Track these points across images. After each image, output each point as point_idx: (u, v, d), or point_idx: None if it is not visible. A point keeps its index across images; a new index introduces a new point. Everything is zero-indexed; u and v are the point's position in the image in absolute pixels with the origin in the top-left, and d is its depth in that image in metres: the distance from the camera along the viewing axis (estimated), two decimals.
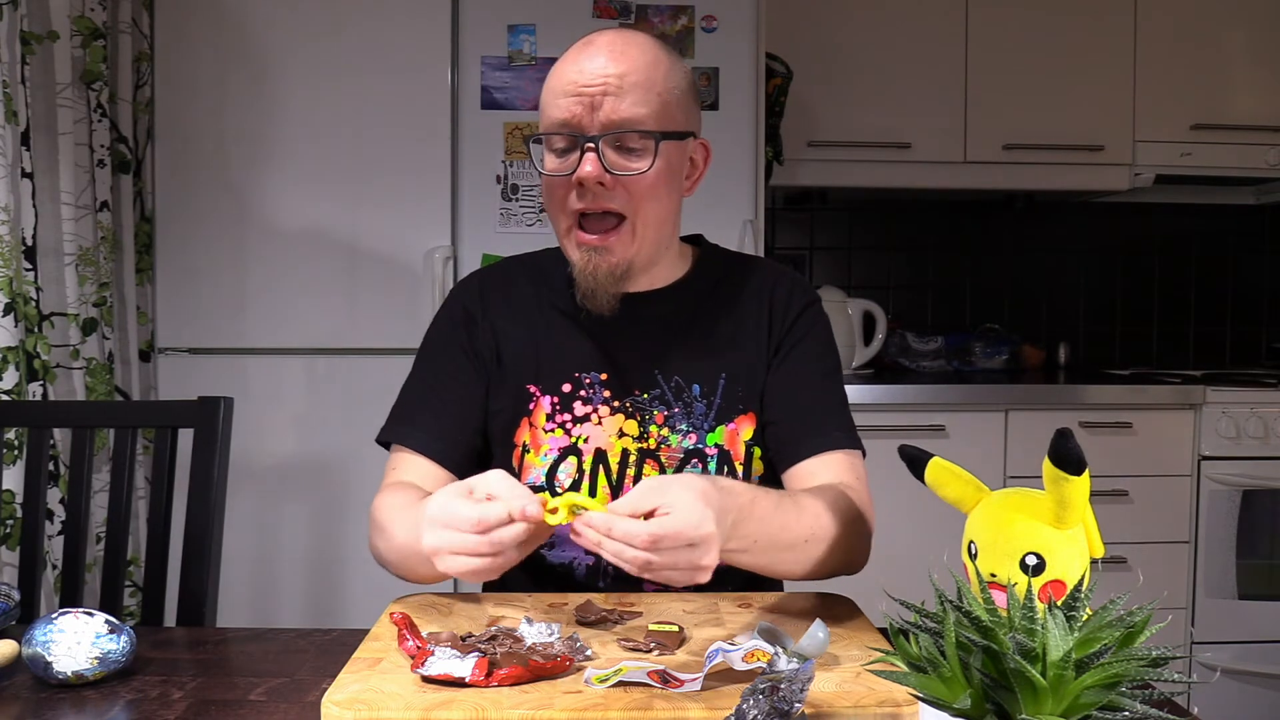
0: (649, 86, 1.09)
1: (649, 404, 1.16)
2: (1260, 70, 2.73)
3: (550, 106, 1.11)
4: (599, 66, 1.08)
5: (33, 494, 1.37)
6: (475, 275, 1.30)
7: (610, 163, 1.09)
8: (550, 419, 1.17)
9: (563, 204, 1.12)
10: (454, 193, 2.23)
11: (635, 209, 1.10)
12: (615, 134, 1.08)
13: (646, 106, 1.09)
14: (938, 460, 0.81)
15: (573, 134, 1.09)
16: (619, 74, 1.08)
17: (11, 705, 0.83)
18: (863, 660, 0.83)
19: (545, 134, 1.12)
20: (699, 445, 1.16)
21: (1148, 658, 0.54)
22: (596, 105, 1.08)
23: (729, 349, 1.19)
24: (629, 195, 1.10)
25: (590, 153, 1.08)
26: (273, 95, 2.20)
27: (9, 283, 1.66)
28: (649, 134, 1.09)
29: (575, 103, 1.08)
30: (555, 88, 1.11)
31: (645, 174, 1.09)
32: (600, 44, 1.11)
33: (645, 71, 1.09)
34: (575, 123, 1.08)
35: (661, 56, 1.12)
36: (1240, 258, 3.10)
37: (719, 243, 1.30)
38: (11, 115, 1.67)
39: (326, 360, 2.23)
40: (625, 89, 1.08)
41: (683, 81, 1.14)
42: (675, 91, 1.12)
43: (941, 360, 2.86)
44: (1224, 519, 2.43)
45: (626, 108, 1.08)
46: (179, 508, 1.37)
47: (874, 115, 2.63)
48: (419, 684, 0.79)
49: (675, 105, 1.12)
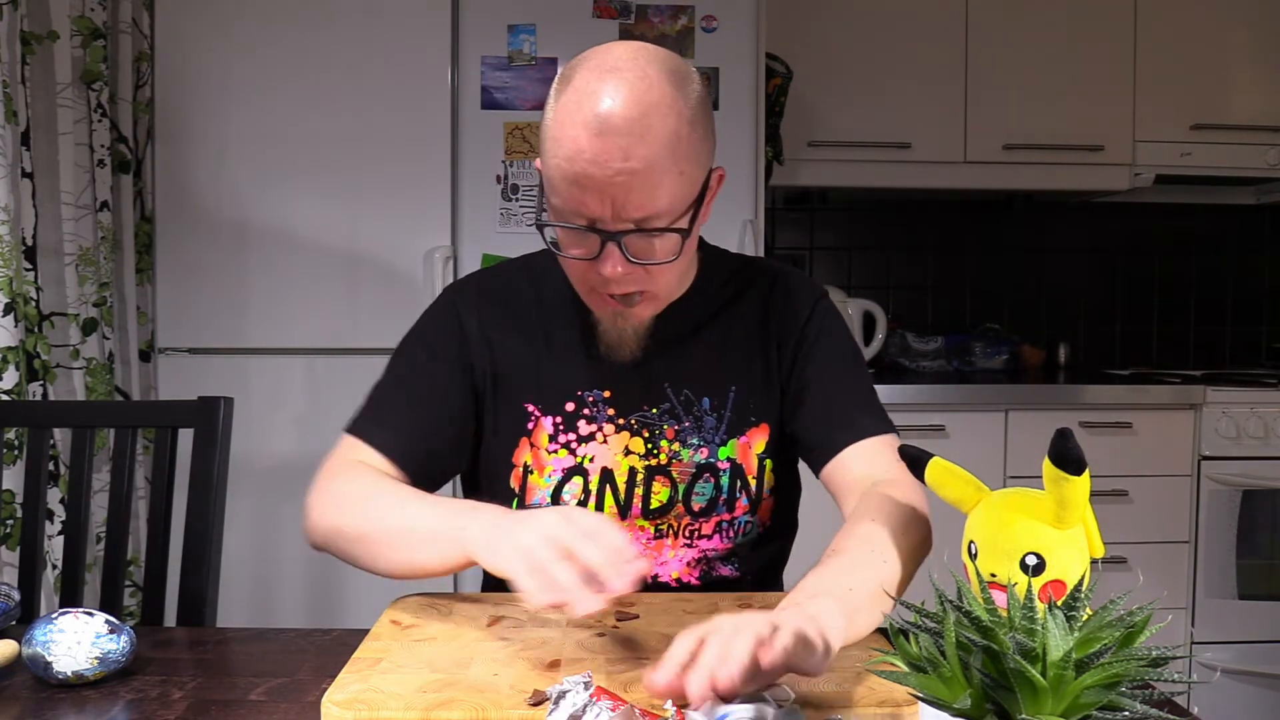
0: (672, 167, 0.96)
1: (659, 419, 1.13)
2: (1260, 70, 2.73)
3: (561, 188, 0.98)
4: (617, 157, 0.94)
5: (33, 494, 1.37)
6: (473, 281, 1.22)
7: (634, 252, 0.99)
8: (554, 439, 1.12)
9: (582, 279, 1.05)
10: (454, 193, 2.23)
11: (659, 287, 1.05)
12: (639, 231, 0.98)
13: (671, 193, 0.97)
14: (938, 460, 0.81)
15: (590, 228, 0.99)
16: (643, 161, 0.94)
17: (11, 705, 0.83)
18: (863, 660, 0.83)
19: (559, 208, 1.00)
20: (710, 459, 1.13)
21: (1148, 658, 0.54)
22: (617, 202, 0.96)
23: (738, 360, 1.15)
24: (654, 276, 1.03)
25: (613, 250, 0.98)
26: (273, 95, 2.20)
27: (9, 283, 1.66)
28: (676, 230, 0.99)
29: (593, 197, 0.96)
30: (568, 173, 0.96)
31: (674, 262, 1.02)
32: (616, 119, 0.93)
33: (669, 148, 0.95)
34: (592, 216, 0.98)
35: (682, 110, 0.96)
36: (1240, 258, 3.10)
37: (719, 243, 1.29)
38: (11, 115, 1.67)
39: (326, 360, 2.23)
40: (649, 177, 0.95)
41: (702, 123, 1.00)
42: (695, 145, 0.99)
43: (941, 360, 2.86)
44: (1224, 519, 2.43)
45: (651, 202, 0.96)
46: (179, 508, 1.36)
47: (874, 115, 2.63)
48: (419, 683, 0.79)
49: (697, 168, 1.00)
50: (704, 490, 1.13)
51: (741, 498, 1.14)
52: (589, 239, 0.99)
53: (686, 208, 1.00)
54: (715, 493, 1.13)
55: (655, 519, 1.13)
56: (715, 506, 1.14)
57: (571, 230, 1.00)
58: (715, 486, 1.13)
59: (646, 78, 0.95)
